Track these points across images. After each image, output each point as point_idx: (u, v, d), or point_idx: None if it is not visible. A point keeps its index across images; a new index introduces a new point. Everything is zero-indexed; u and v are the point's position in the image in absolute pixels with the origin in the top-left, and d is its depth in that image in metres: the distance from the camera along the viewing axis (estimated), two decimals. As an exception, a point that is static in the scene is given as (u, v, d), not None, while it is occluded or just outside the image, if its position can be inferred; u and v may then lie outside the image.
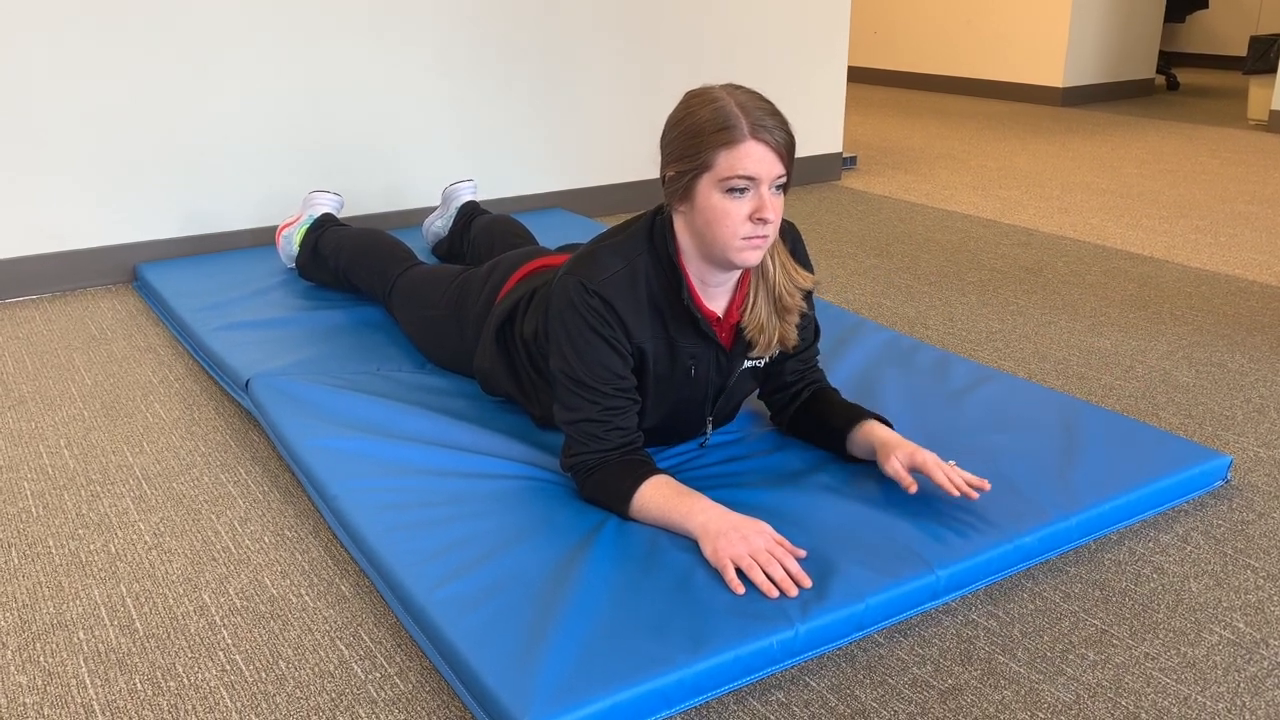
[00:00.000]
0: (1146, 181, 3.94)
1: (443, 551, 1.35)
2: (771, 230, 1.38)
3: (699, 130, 1.35)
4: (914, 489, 1.44)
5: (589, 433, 1.45)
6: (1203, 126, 5.17)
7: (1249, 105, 5.29)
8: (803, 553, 1.34)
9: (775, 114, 1.36)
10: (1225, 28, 7.43)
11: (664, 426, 1.57)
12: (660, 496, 1.40)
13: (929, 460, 1.44)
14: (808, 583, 1.28)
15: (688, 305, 1.45)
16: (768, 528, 1.34)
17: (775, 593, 1.26)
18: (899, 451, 1.47)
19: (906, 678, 1.22)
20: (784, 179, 1.38)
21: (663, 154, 1.43)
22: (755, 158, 1.34)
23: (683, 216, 1.43)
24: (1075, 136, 4.91)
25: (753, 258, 1.39)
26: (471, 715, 1.15)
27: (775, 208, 1.37)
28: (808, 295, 1.56)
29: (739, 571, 1.29)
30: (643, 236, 1.46)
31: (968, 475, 1.45)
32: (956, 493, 1.41)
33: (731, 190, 1.35)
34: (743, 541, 1.31)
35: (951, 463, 1.47)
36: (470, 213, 2.56)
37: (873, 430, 1.53)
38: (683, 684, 1.15)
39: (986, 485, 1.44)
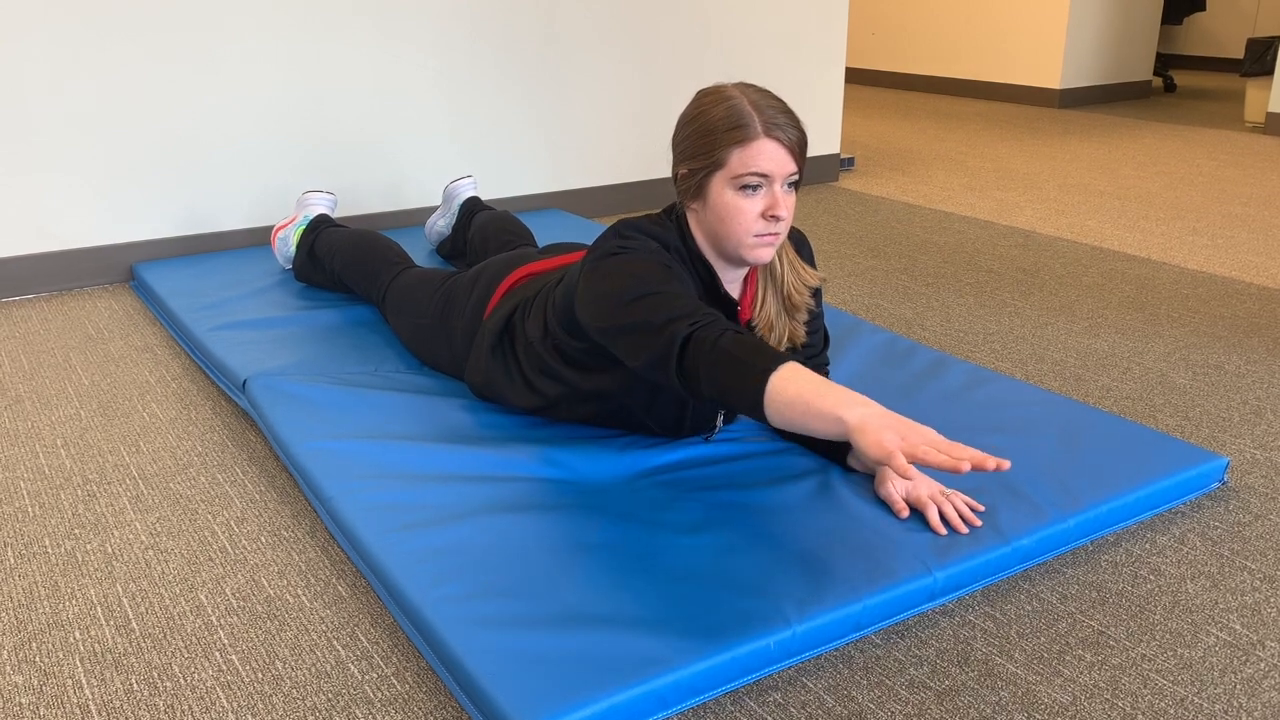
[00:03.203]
0: (1144, 183, 3.94)
1: (439, 552, 1.35)
2: (783, 228, 1.40)
3: (712, 129, 1.37)
4: (905, 515, 1.44)
5: (684, 306, 1.29)
6: (1200, 129, 5.18)
7: (1246, 107, 5.29)
8: (1006, 463, 1.13)
9: (787, 112, 1.38)
10: (1222, 30, 7.45)
11: (679, 417, 1.58)
12: (807, 375, 1.20)
13: (923, 496, 1.44)
14: (997, 463, 1.10)
15: (723, 293, 1.47)
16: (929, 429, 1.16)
17: (953, 465, 1.08)
18: (896, 480, 1.47)
19: (903, 679, 1.22)
20: (796, 176, 1.39)
21: (675, 152, 1.44)
22: (768, 155, 1.35)
23: (695, 214, 1.44)
24: (1072, 138, 4.92)
25: (765, 255, 1.41)
26: (468, 716, 1.15)
27: (787, 205, 1.38)
28: (816, 294, 1.57)
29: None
30: (670, 227, 1.47)
31: (961, 507, 1.44)
32: (944, 533, 1.40)
33: (744, 188, 1.37)
34: (914, 432, 1.13)
35: (951, 491, 1.46)
36: (472, 209, 2.56)
37: None
38: (679, 685, 1.15)
39: (978, 523, 1.43)
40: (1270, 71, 5.10)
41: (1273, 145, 4.73)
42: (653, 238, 1.44)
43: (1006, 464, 1.10)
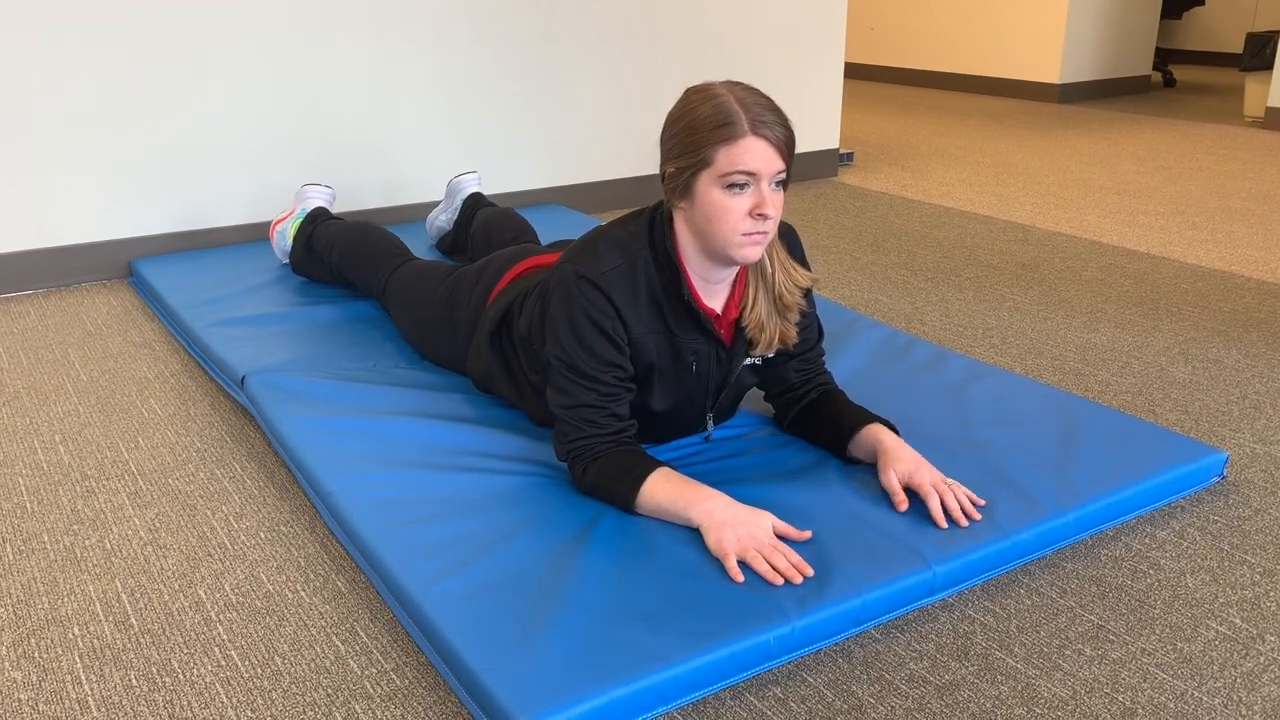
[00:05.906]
0: (1143, 178, 3.94)
1: (438, 547, 1.35)
2: (771, 226, 1.39)
3: (699, 127, 1.36)
4: (904, 507, 1.44)
5: (586, 418, 1.45)
6: (1199, 123, 5.18)
7: (1245, 102, 5.29)
8: (808, 534, 1.37)
9: (775, 110, 1.37)
10: (1222, 24, 7.44)
11: (666, 421, 1.58)
12: (668, 484, 1.41)
13: (924, 483, 1.44)
14: (810, 571, 1.30)
15: (688, 302, 1.45)
16: (769, 518, 1.36)
17: (780, 580, 1.28)
18: (898, 466, 1.47)
19: (903, 673, 1.22)
20: (784, 175, 1.38)
21: (662, 151, 1.43)
22: (755, 153, 1.34)
23: (683, 213, 1.43)
24: (1072, 133, 4.92)
25: (753, 254, 1.40)
26: (467, 711, 1.15)
27: (775, 203, 1.37)
28: (808, 293, 1.56)
29: (742, 564, 1.31)
30: (644, 232, 1.46)
31: (962, 498, 1.44)
32: (945, 525, 1.40)
33: (731, 186, 1.35)
34: (750, 537, 1.32)
35: (952, 481, 1.46)
36: (474, 205, 2.56)
37: (878, 435, 1.52)
38: (679, 680, 1.15)
39: (978, 516, 1.43)
40: (1269, 66, 5.09)
41: (1272, 140, 4.73)
42: (622, 253, 1.43)
43: (810, 571, 1.30)
